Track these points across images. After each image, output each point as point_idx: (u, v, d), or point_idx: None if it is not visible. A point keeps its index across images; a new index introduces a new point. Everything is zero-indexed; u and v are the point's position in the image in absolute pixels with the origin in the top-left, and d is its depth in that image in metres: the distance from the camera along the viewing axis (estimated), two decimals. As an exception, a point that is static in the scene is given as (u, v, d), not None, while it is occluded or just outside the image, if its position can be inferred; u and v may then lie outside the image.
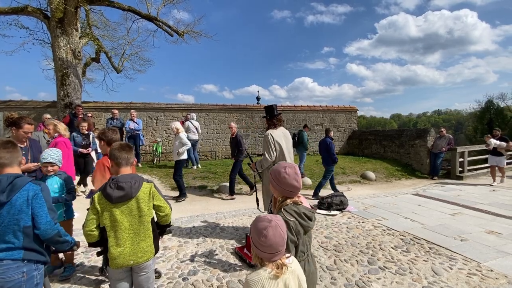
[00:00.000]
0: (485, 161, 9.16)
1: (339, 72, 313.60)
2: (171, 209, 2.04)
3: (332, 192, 6.06)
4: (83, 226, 1.79)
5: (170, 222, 2.11)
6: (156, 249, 1.97)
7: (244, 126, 12.09)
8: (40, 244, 1.72)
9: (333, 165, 6.68)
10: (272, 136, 3.68)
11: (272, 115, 3.82)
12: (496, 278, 2.93)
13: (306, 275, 1.51)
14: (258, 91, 15.32)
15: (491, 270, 3.10)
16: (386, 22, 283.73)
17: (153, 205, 1.93)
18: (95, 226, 1.78)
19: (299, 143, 8.57)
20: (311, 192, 6.88)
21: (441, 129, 9.69)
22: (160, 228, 2.11)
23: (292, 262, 1.32)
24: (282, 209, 1.57)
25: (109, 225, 1.78)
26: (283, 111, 12.74)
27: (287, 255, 1.33)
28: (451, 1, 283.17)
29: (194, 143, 8.88)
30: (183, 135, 5.45)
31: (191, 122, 8.81)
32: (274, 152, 3.68)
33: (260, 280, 1.20)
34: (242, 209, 5.44)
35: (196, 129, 8.87)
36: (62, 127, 4.18)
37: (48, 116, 6.79)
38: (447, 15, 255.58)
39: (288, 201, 1.60)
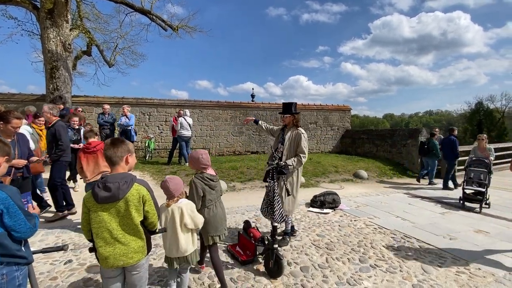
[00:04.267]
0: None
1: (333, 71, 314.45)
2: (158, 216, 1.95)
3: (327, 190, 6.07)
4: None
5: (156, 228, 1.97)
6: (149, 249, 1.92)
7: (238, 124, 12.05)
8: (19, 248, 1.58)
9: (455, 160, 7.53)
10: (305, 135, 3.56)
11: (296, 112, 3.61)
12: (484, 277, 2.99)
13: (213, 215, 2.56)
14: (253, 89, 15.45)
15: (479, 269, 3.16)
16: (380, 23, 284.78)
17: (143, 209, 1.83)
18: (88, 224, 1.78)
19: (429, 152, 8.14)
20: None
21: (435, 129, 9.35)
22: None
23: (181, 203, 2.27)
24: (195, 175, 2.59)
25: (96, 225, 1.73)
26: (277, 109, 12.78)
27: (182, 198, 2.32)
28: (445, 3, 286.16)
29: (187, 139, 8.80)
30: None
31: (184, 118, 8.71)
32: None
33: (162, 206, 2.26)
34: (235, 207, 5.41)
35: (189, 125, 8.78)
36: None
37: (33, 108, 6.60)
38: (440, 17, 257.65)
39: (199, 171, 2.60)
